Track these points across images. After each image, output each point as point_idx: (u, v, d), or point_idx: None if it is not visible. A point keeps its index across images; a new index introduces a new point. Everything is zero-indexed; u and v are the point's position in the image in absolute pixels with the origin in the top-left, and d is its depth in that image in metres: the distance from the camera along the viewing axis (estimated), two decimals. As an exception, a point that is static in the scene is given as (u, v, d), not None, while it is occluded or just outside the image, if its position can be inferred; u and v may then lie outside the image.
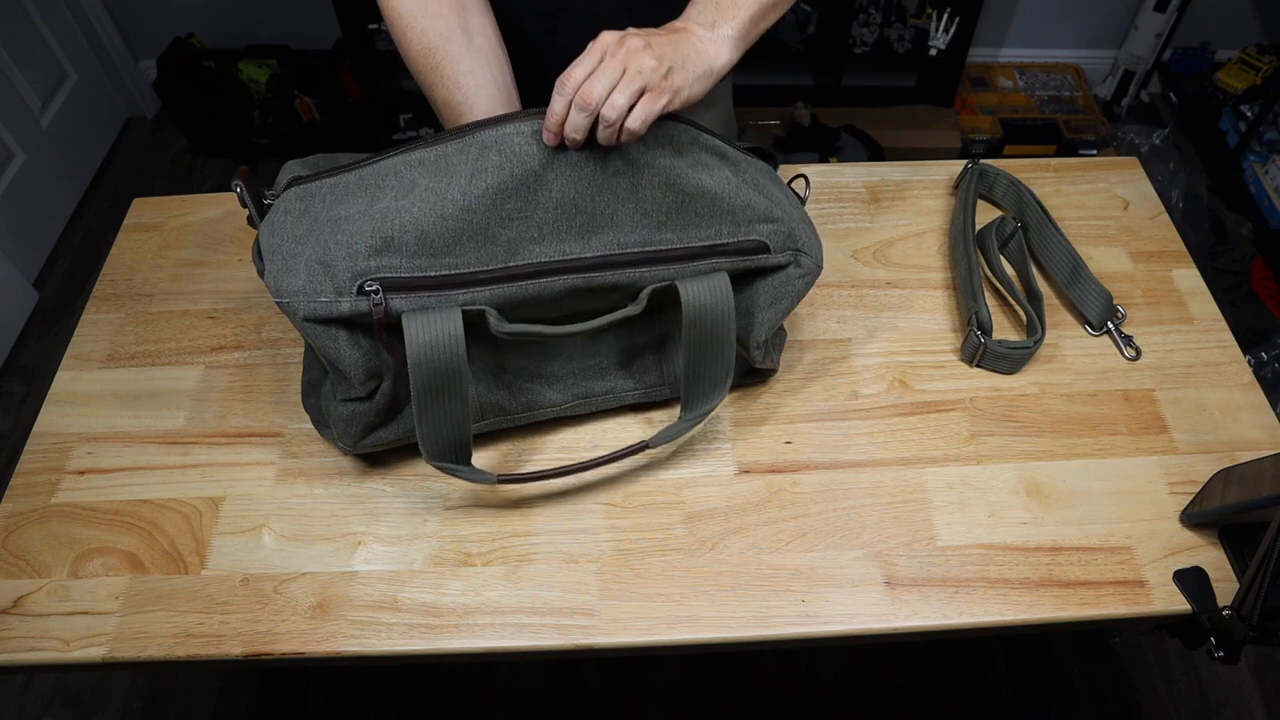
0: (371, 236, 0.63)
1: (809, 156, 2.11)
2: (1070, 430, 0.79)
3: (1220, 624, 0.66)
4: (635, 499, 0.75)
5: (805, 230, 0.73)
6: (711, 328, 0.70)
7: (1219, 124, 2.15)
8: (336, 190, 0.66)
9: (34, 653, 0.67)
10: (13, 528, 0.74)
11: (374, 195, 0.64)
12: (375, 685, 1.36)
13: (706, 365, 0.71)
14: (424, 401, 0.65)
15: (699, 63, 0.65)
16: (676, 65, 0.63)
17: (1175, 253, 0.93)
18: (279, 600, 0.69)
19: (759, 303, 0.73)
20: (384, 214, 0.63)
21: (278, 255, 0.64)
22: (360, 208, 0.64)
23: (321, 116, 2.15)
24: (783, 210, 0.71)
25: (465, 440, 0.69)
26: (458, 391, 0.66)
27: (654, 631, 0.68)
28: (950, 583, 0.70)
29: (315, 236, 0.64)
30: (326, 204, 0.65)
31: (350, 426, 0.71)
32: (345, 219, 0.64)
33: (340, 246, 0.63)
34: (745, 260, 0.71)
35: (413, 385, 0.64)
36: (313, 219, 0.65)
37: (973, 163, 0.97)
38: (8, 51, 1.90)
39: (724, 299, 0.69)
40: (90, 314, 0.90)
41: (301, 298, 0.63)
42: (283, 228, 0.65)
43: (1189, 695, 1.35)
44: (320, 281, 0.63)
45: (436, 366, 0.64)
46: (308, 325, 0.64)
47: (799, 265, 0.73)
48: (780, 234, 0.71)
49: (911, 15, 2.13)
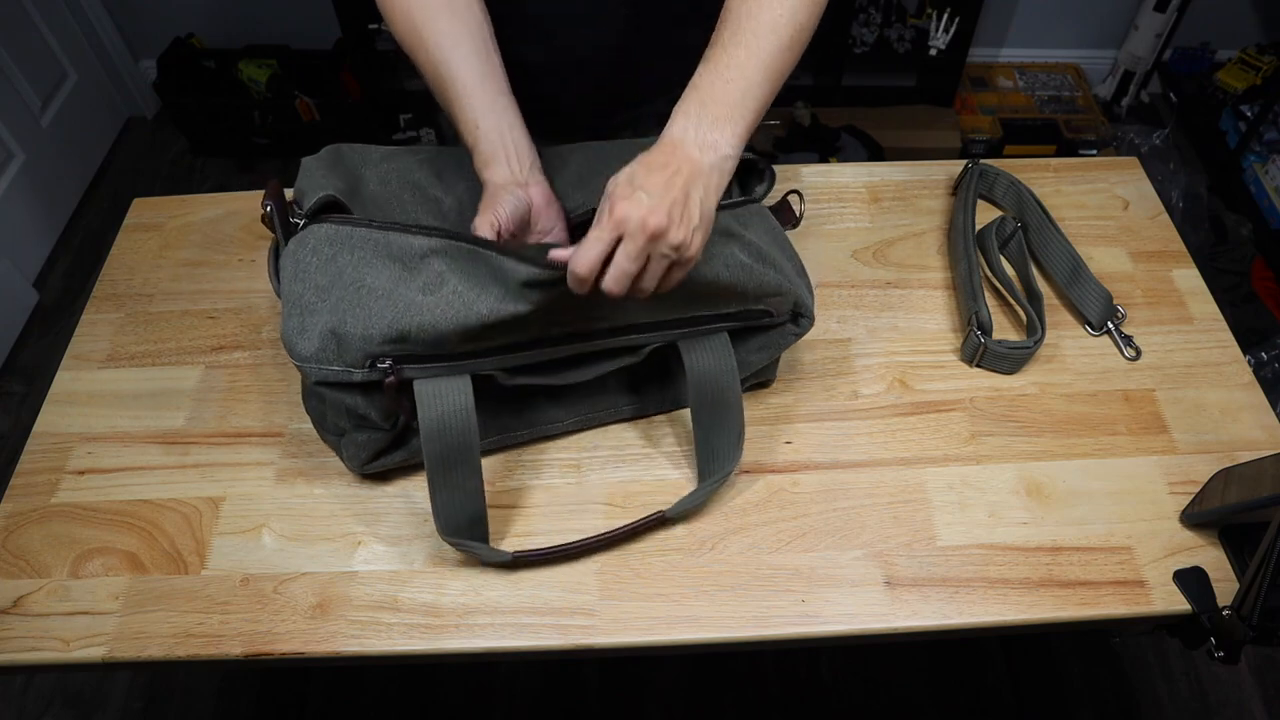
0: (389, 327, 0.62)
1: (809, 156, 2.11)
2: (1070, 430, 0.79)
3: (1220, 624, 0.66)
4: (635, 499, 0.75)
5: (805, 292, 0.74)
6: (716, 390, 0.71)
7: (1219, 124, 2.15)
8: (368, 247, 0.64)
9: (34, 653, 0.67)
10: (13, 528, 0.74)
11: (402, 275, 0.63)
12: (375, 685, 1.36)
13: (718, 430, 0.72)
14: (438, 474, 0.66)
15: (710, 205, 0.61)
16: (699, 223, 0.60)
17: (1175, 253, 0.93)
18: (279, 600, 0.69)
19: (751, 348, 0.75)
20: (406, 306, 0.62)
21: (296, 308, 0.64)
22: (386, 283, 0.63)
23: (321, 116, 2.15)
24: (789, 281, 0.71)
25: (480, 515, 0.69)
26: (470, 463, 0.66)
27: (654, 631, 0.68)
28: (950, 583, 0.70)
29: (335, 296, 0.63)
30: (354, 261, 0.64)
31: (363, 450, 0.72)
32: (369, 290, 0.63)
33: (357, 325, 0.62)
34: (747, 322, 0.72)
35: (426, 457, 0.65)
36: (337, 271, 0.64)
37: (973, 163, 0.96)
38: (8, 51, 1.90)
39: (726, 360, 0.71)
40: (90, 314, 0.90)
41: (313, 364, 0.63)
42: (306, 272, 0.64)
43: (1189, 695, 1.35)
44: (332, 353, 0.63)
45: (449, 439, 0.65)
46: (320, 388, 0.65)
47: (796, 325, 0.75)
48: (785, 303, 0.73)
49: (911, 15, 2.13)
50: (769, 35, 0.64)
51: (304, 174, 0.70)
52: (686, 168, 0.60)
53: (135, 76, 2.31)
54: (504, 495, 0.75)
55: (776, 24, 0.65)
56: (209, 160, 2.27)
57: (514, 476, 0.77)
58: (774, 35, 0.64)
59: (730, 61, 0.63)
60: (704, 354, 0.70)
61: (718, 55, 0.64)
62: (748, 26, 0.64)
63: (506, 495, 0.75)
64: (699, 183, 0.60)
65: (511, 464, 0.77)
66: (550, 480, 0.76)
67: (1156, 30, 2.14)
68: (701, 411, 0.72)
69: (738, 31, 0.64)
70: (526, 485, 0.76)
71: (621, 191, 0.58)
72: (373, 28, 2.03)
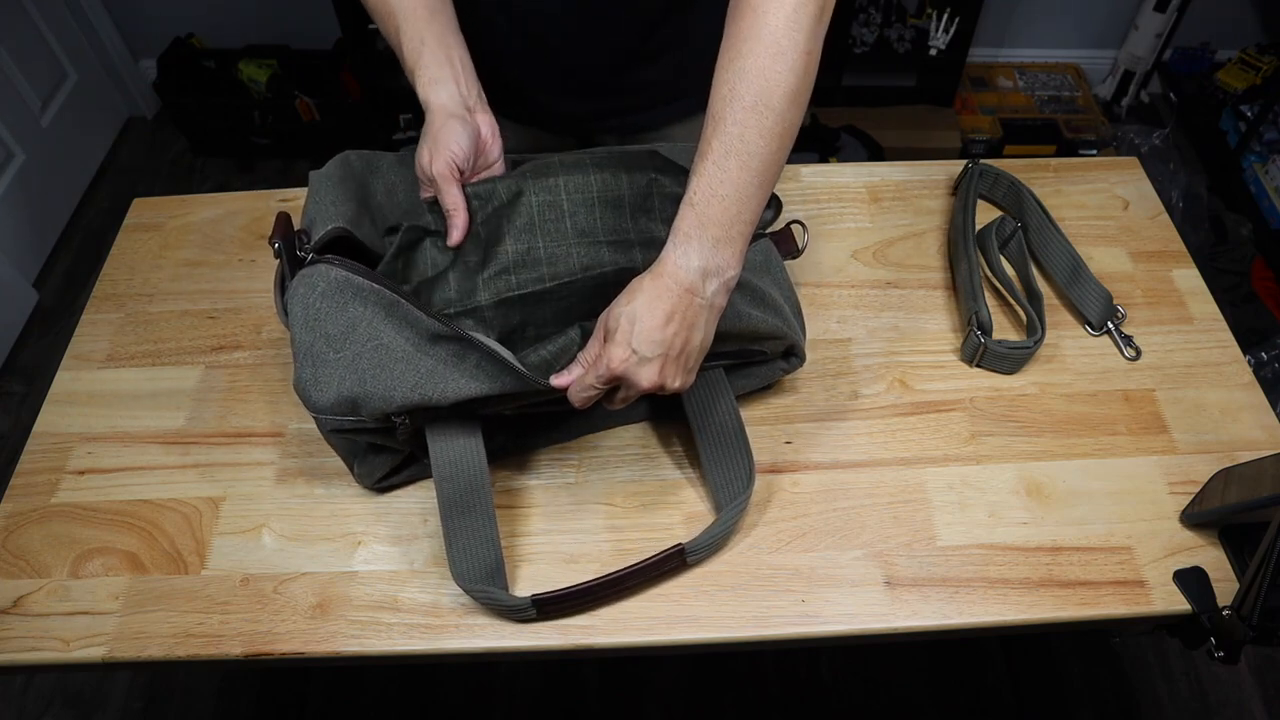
0: (413, 392, 0.62)
1: (809, 156, 2.11)
2: (1070, 430, 0.79)
3: (1220, 624, 0.66)
4: (635, 499, 0.75)
5: (799, 335, 0.75)
6: (719, 426, 0.72)
7: (1219, 124, 2.15)
8: (381, 305, 0.63)
9: (34, 653, 0.67)
10: (13, 528, 0.74)
11: (421, 340, 0.63)
12: (375, 685, 1.36)
13: (729, 463, 0.72)
14: (451, 520, 0.66)
15: (711, 334, 0.63)
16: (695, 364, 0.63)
17: (1175, 253, 0.93)
18: (279, 600, 0.69)
19: (738, 373, 0.76)
20: (430, 373, 0.62)
21: (309, 358, 0.63)
22: (405, 346, 0.62)
23: (321, 116, 2.15)
24: (786, 324, 0.72)
25: (498, 562, 0.68)
26: (484, 511, 0.67)
27: (654, 631, 0.68)
28: (950, 583, 0.70)
29: (352, 350, 0.62)
30: (368, 314, 0.63)
31: (376, 470, 0.72)
32: (388, 350, 0.62)
33: (378, 388, 0.62)
34: (741, 359, 0.74)
35: (440, 503, 0.66)
36: (349, 323, 0.62)
37: (973, 163, 0.96)
38: (8, 51, 1.90)
39: (724, 397, 0.72)
40: (90, 314, 0.90)
41: (329, 416, 0.64)
42: (318, 321, 0.62)
43: (1189, 695, 1.35)
44: (348, 409, 0.63)
45: (460, 484, 0.66)
46: (332, 435, 0.66)
47: (787, 363, 0.77)
48: (780, 345, 0.74)
49: (911, 15, 2.13)
50: (760, 142, 0.61)
51: (313, 196, 0.68)
52: (691, 312, 0.61)
53: (135, 76, 2.31)
54: (504, 495, 0.75)
55: (764, 127, 0.61)
56: (209, 160, 2.27)
57: (514, 477, 0.77)
58: (764, 142, 0.61)
59: (724, 178, 0.61)
60: (702, 392, 0.72)
61: (707, 168, 0.61)
62: (735, 134, 0.61)
63: (507, 495, 0.75)
64: (701, 321, 0.61)
65: (512, 464, 0.77)
66: (550, 480, 0.76)
67: (1156, 30, 2.14)
68: (707, 447, 0.73)
69: (727, 142, 0.61)
70: (527, 485, 0.76)
71: (620, 339, 0.60)
72: (372, 28, 2.03)
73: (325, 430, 0.67)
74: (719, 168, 0.61)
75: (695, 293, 0.60)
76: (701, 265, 0.60)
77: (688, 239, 0.61)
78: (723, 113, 0.61)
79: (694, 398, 0.72)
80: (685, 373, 0.63)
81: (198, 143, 2.25)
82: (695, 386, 0.71)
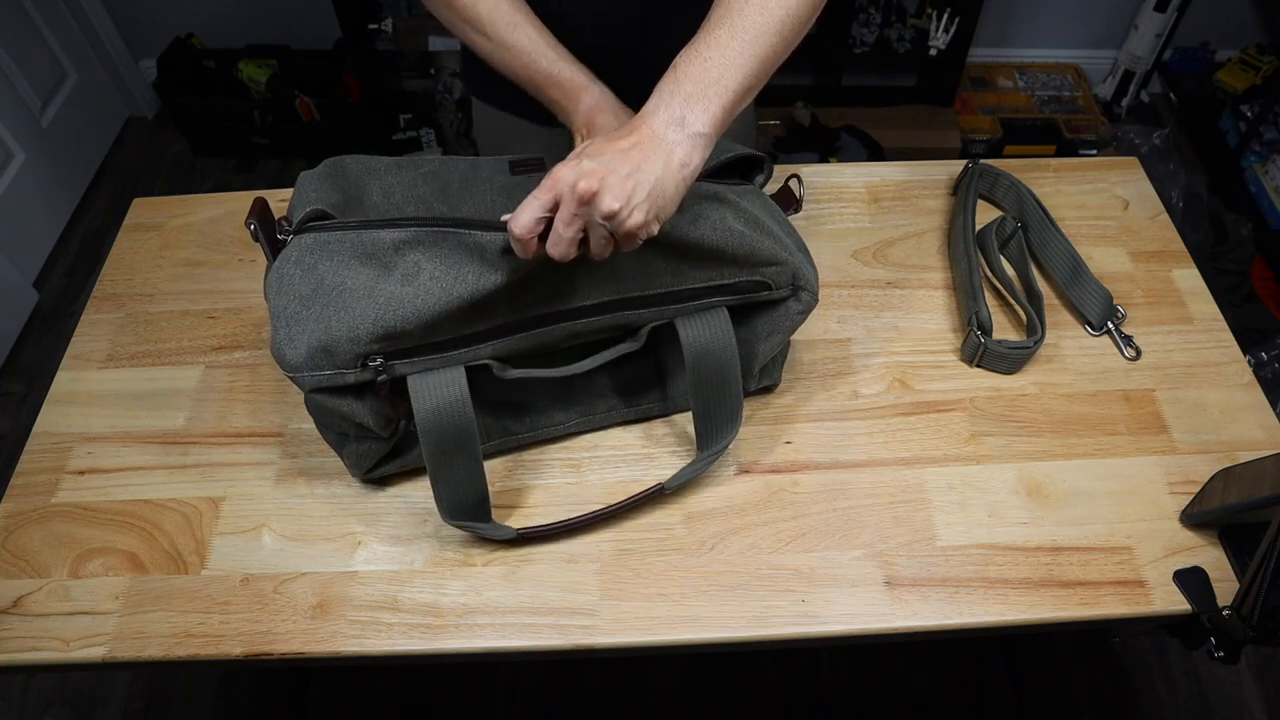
0: (375, 324, 0.62)
1: (809, 156, 2.11)
2: (1070, 430, 0.79)
3: (1220, 624, 0.66)
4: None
5: (805, 266, 0.72)
6: (715, 365, 0.70)
7: (1219, 124, 2.15)
8: (345, 250, 0.64)
9: (34, 653, 0.67)
10: (13, 528, 0.74)
11: (380, 271, 0.63)
12: (375, 685, 1.36)
13: (716, 403, 0.72)
14: (437, 464, 0.66)
15: (668, 181, 0.59)
16: (642, 198, 0.57)
17: (1175, 253, 0.93)
18: (279, 600, 0.69)
19: (758, 334, 0.74)
20: (388, 300, 0.62)
21: (282, 320, 0.63)
22: (365, 282, 0.63)
23: (321, 116, 2.15)
24: (786, 250, 0.71)
25: (482, 497, 0.69)
26: (469, 451, 0.66)
27: (654, 631, 0.68)
28: (950, 583, 0.70)
29: (319, 303, 0.63)
30: (334, 265, 0.63)
31: (364, 460, 0.72)
32: (350, 291, 0.63)
33: (342, 328, 0.62)
34: (745, 297, 0.71)
35: (424, 450, 0.65)
36: (318, 280, 0.63)
37: (973, 163, 0.96)
38: (8, 51, 1.90)
39: (724, 335, 0.70)
40: (90, 314, 0.90)
41: (305, 372, 0.63)
42: (290, 284, 0.64)
43: (1189, 695, 1.35)
44: (321, 361, 0.63)
45: (445, 430, 0.65)
46: (316, 396, 0.65)
47: (798, 300, 0.73)
48: (784, 274, 0.72)
49: (911, 15, 2.13)
50: (756, 17, 0.63)
51: (298, 189, 0.69)
52: (647, 143, 0.59)
53: (135, 76, 2.31)
54: (505, 495, 0.75)
55: (765, 6, 0.63)
56: (209, 160, 2.27)
57: (514, 477, 0.77)
58: (761, 17, 0.63)
59: (711, 41, 0.62)
60: (701, 328, 0.69)
61: (700, 36, 0.63)
62: (735, 8, 0.63)
63: (507, 495, 0.75)
64: (656, 158, 0.58)
65: (512, 464, 0.77)
66: (550, 480, 0.76)
67: (1156, 30, 2.14)
68: (698, 385, 0.71)
69: (726, 14, 0.63)
70: (527, 485, 0.76)
71: (569, 158, 0.58)
72: (373, 28, 2.03)
73: (308, 393, 0.65)
74: (708, 34, 0.63)
75: (657, 134, 0.59)
76: (668, 115, 0.60)
77: (660, 94, 0.61)
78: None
79: (691, 330, 0.69)
80: (627, 200, 0.56)
81: (198, 143, 2.25)
82: (695, 324, 0.69)
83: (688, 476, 0.72)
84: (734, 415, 0.72)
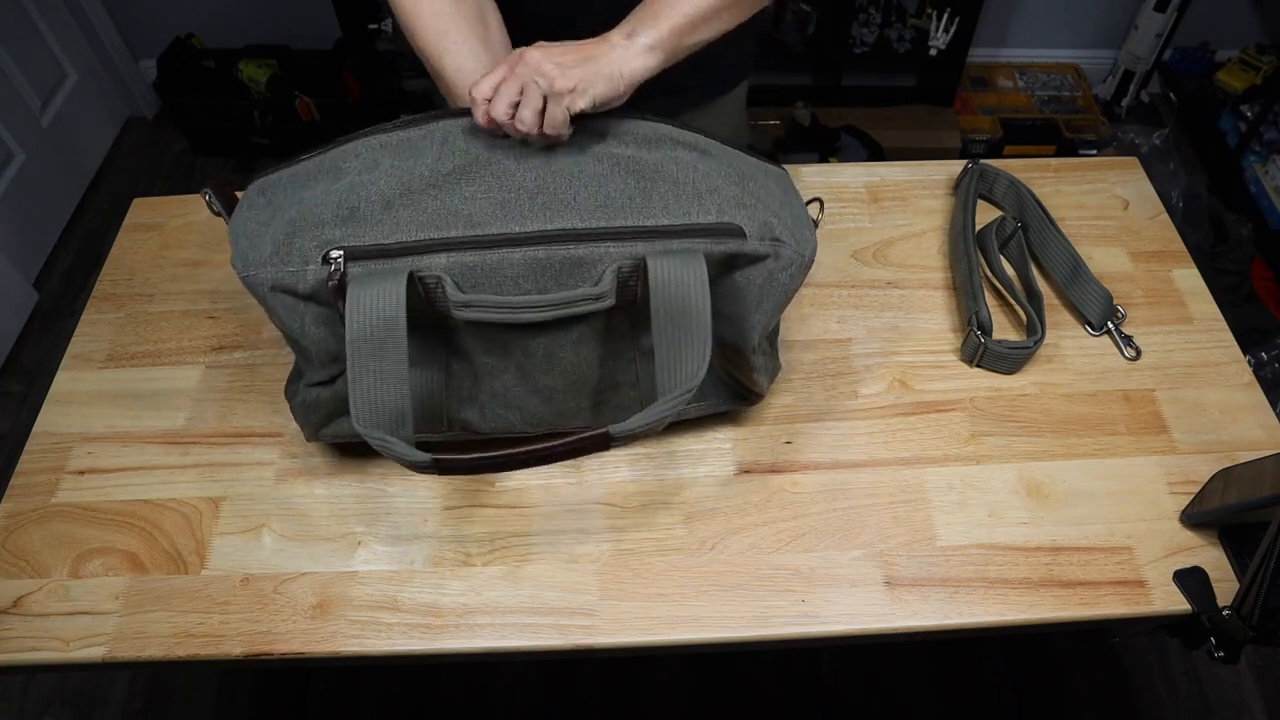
0: (338, 207, 0.64)
1: (809, 156, 2.11)
2: (1070, 430, 0.79)
3: (1220, 624, 0.66)
4: (635, 499, 0.75)
5: (785, 221, 0.69)
6: (681, 296, 0.64)
7: (1219, 124, 2.15)
8: (299, 178, 0.67)
9: (34, 653, 0.67)
10: (13, 528, 0.74)
11: (336, 175, 0.66)
12: (375, 685, 1.36)
13: (681, 344, 0.65)
14: (358, 360, 0.62)
15: (604, 66, 0.66)
16: (575, 69, 0.65)
17: (1175, 253, 0.93)
18: (279, 600, 0.69)
19: (748, 305, 0.70)
20: (349, 187, 0.65)
21: (243, 237, 0.66)
22: (324, 187, 0.66)
23: (321, 116, 2.15)
24: (759, 200, 0.67)
25: (404, 411, 0.63)
26: (394, 352, 0.62)
27: (654, 631, 0.68)
28: (950, 583, 0.70)
29: (281, 215, 0.65)
30: (289, 191, 0.67)
31: (311, 414, 0.71)
32: (309, 199, 0.65)
33: (306, 217, 0.64)
34: (719, 244, 0.66)
35: (348, 343, 0.62)
36: (276, 206, 0.66)
37: (973, 163, 0.97)
38: (8, 51, 1.90)
39: (697, 278, 0.64)
40: (90, 314, 0.90)
41: (268, 267, 0.64)
42: (248, 218, 0.67)
43: (1189, 695, 1.35)
44: (286, 251, 0.64)
45: (373, 322, 0.62)
46: (274, 295, 0.64)
47: (778, 257, 0.68)
48: (755, 220, 0.67)
49: (911, 15, 2.13)
50: None
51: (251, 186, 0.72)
52: (597, 43, 0.68)
53: (135, 76, 2.31)
54: (504, 495, 0.75)
55: None
56: (209, 160, 2.27)
57: (514, 476, 0.77)
58: None
59: None
60: (672, 264, 0.64)
61: None
62: None
63: (506, 495, 0.75)
64: (600, 48, 0.67)
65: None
66: (550, 480, 0.76)
67: (1156, 30, 2.14)
68: (663, 321, 0.64)
69: None
70: (526, 485, 0.76)
71: None
72: (373, 28, 2.03)
73: (265, 294, 0.64)
74: None
75: (608, 39, 0.68)
76: (622, 30, 0.68)
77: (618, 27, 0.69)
78: None
79: (661, 267, 0.64)
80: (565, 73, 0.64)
81: (198, 143, 2.25)
82: (666, 264, 0.64)
83: (644, 421, 0.63)
84: (699, 359, 0.65)
